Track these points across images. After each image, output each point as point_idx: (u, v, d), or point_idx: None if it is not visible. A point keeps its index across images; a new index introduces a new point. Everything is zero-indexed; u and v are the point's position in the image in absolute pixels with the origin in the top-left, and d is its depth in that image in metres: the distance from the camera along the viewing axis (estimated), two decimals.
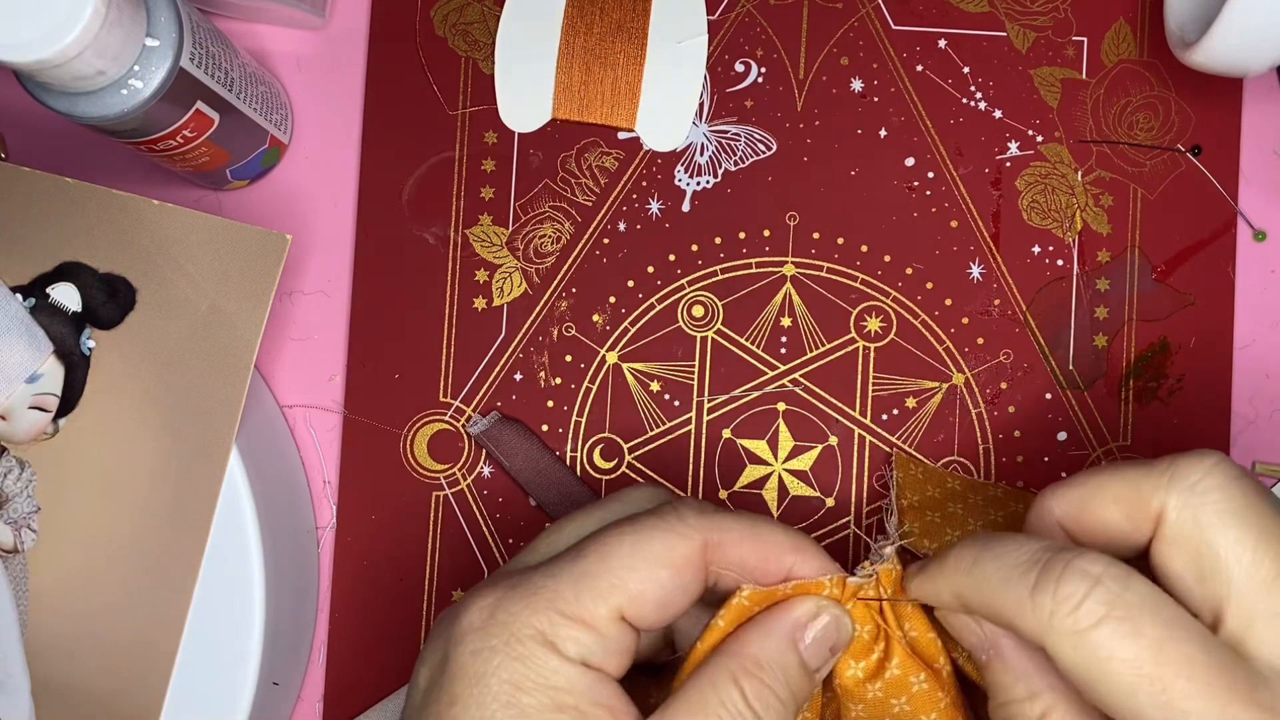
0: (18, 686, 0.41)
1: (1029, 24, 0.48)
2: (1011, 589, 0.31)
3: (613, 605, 0.31)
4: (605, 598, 0.31)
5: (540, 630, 0.31)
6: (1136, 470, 0.32)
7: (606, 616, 0.31)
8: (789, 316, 0.47)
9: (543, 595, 0.32)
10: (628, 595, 0.32)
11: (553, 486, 0.46)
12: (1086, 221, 0.47)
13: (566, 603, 0.31)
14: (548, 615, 0.31)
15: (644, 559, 0.32)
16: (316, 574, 0.47)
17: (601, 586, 0.31)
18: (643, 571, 0.32)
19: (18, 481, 0.41)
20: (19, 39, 0.34)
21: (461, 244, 0.48)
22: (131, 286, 0.41)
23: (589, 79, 0.47)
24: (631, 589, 0.32)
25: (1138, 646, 0.29)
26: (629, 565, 0.32)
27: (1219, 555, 0.30)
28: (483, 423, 0.46)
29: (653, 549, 0.32)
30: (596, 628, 0.31)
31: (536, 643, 0.31)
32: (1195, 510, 0.31)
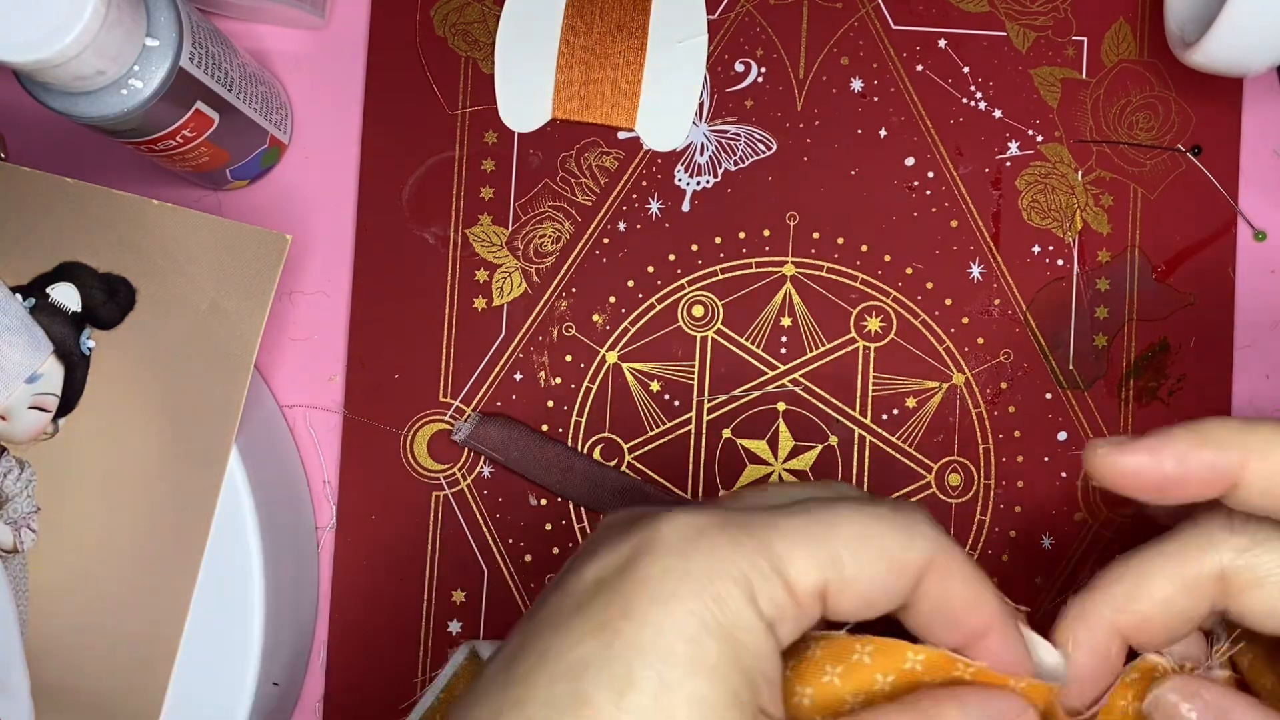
0: (18, 686, 0.41)
1: (1029, 24, 0.48)
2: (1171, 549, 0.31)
3: (822, 577, 0.28)
4: (819, 567, 0.28)
5: (745, 574, 0.28)
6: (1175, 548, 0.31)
7: (810, 587, 0.28)
8: (789, 316, 0.47)
9: (756, 538, 0.28)
10: (841, 575, 0.28)
11: (554, 467, 0.46)
12: (1086, 221, 0.47)
13: (778, 557, 0.28)
14: (755, 561, 0.28)
15: (869, 547, 0.29)
16: (316, 574, 0.47)
17: (820, 554, 0.28)
18: (864, 559, 0.29)
19: (18, 481, 0.41)
20: (19, 39, 0.34)
21: (461, 244, 0.48)
22: (131, 286, 0.41)
23: (589, 79, 0.47)
24: (848, 570, 0.28)
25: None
26: (855, 547, 0.29)
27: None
28: (465, 427, 0.46)
29: (884, 541, 0.29)
30: (798, 594, 0.28)
31: (738, 586, 0.28)
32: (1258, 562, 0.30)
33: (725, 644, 0.27)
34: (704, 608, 0.27)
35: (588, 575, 0.29)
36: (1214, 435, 0.30)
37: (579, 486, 0.46)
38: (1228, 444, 0.30)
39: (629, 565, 0.28)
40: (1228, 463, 0.30)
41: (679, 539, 0.28)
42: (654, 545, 0.28)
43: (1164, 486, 0.31)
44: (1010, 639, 0.31)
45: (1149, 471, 0.31)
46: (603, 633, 0.27)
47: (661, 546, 0.28)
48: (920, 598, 0.30)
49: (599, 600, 0.28)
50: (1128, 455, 0.31)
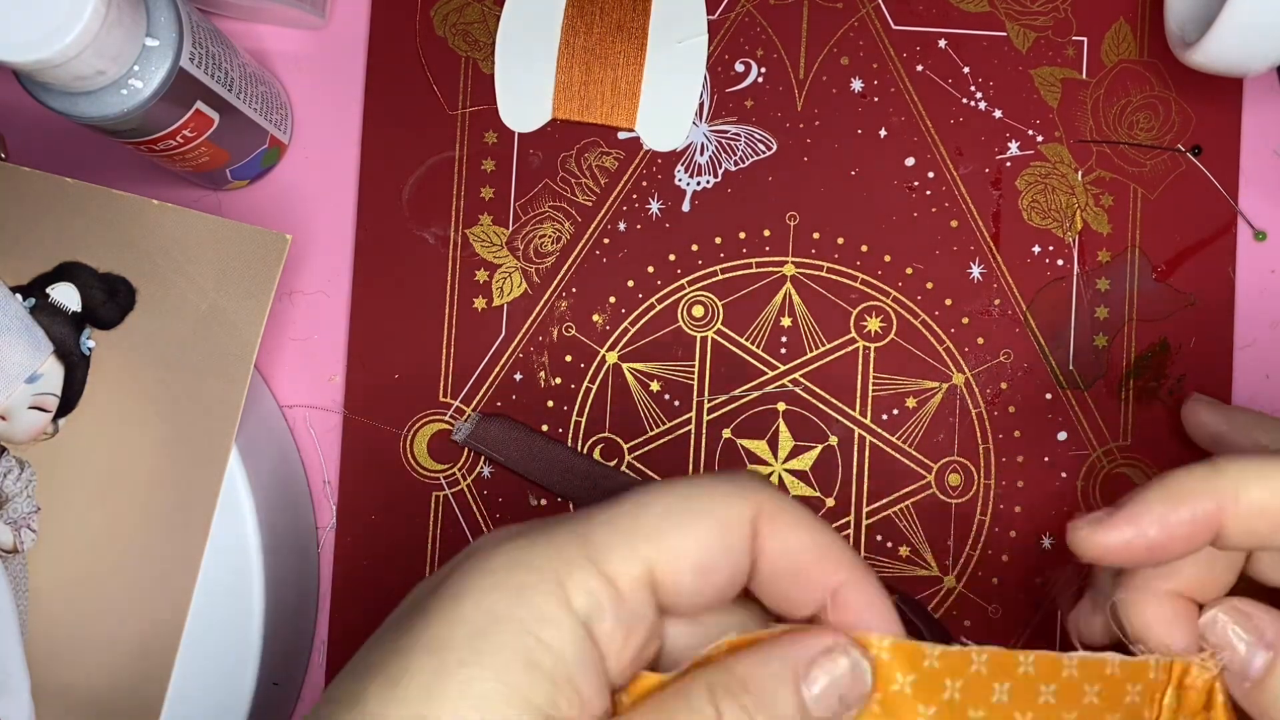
0: (18, 687, 0.41)
1: (1029, 24, 0.48)
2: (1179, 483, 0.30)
3: (642, 559, 0.26)
4: (636, 548, 0.26)
5: (554, 569, 0.26)
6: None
7: (633, 574, 0.26)
8: (789, 316, 0.47)
9: (571, 532, 0.27)
10: (661, 550, 0.27)
11: (554, 467, 0.46)
12: (1087, 221, 0.47)
13: (594, 546, 0.26)
14: (567, 554, 0.26)
15: (689, 511, 0.27)
16: (316, 574, 0.47)
17: (636, 535, 0.27)
18: (685, 524, 0.27)
19: (18, 481, 0.41)
20: (19, 39, 0.34)
21: (461, 244, 0.48)
22: (131, 286, 0.41)
23: (589, 79, 0.47)
24: (669, 542, 0.27)
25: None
26: (669, 515, 0.27)
27: None
28: (465, 427, 0.46)
29: (700, 502, 0.27)
30: (617, 584, 0.26)
31: (544, 580, 0.26)
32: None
33: (516, 638, 0.25)
34: (499, 601, 0.26)
35: (418, 593, 0.28)
36: (1186, 489, 0.30)
37: (579, 486, 0.46)
38: (1201, 493, 0.30)
39: (452, 577, 0.27)
40: (1206, 512, 0.30)
41: (491, 544, 0.27)
42: (468, 554, 0.27)
43: (1154, 552, 0.30)
44: (869, 589, 0.28)
45: (1137, 542, 0.30)
46: (397, 635, 0.26)
47: (474, 554, 0.27)
48: (760, 554, 0.28)
49: (405, 609, 0.27)
50: (1111, 532, 0.30)
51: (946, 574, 0.47)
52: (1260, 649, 0.30)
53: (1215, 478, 0.30)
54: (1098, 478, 0.47)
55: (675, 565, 0.27)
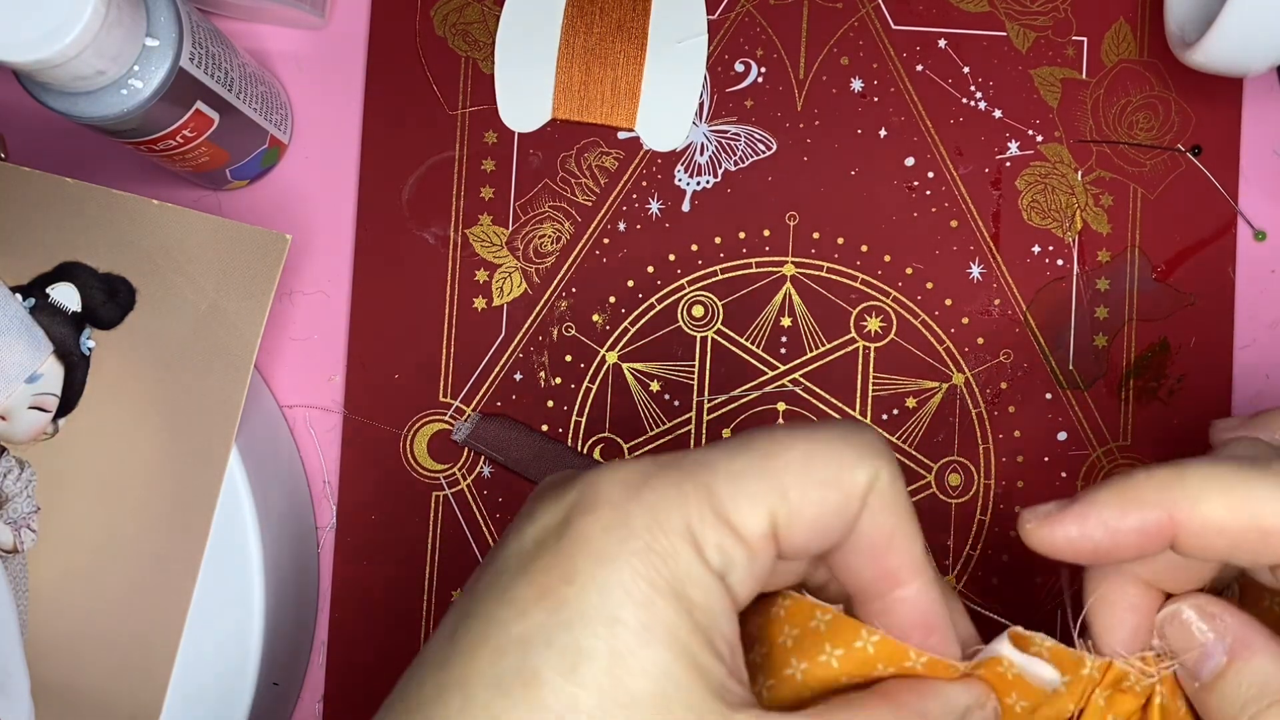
0: (18, 686, 0.41)
1: (1029, 24, 0.48)
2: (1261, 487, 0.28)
3: (769, 515, 0.26)
4: (763, 503, 0.26)
5: (689, 525, 0.26)
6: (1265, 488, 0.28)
7: (759, 529, 0.26)
8: (789, 316, 0.47)
9: (696, 482, 0.26)
10: (788, 509, 0.26)
11: (554, 467, 0.46)
12: (1086, 221, 0.47)
13: (721, 500, 0.26)
14: (699, 509, 0.26)
15: (816, 470, 0.27)
16: (316, 574, 0.47)
17: (765, 488, 0.26)
18: (811, 485, 0.26)
19: (18, 481, 0.41)
20: (19, 39, 0.34)
21: (461, 244, 0.48)
22: (131, 286, 0.41)
23: (589, 79, 0.47)
24: (793, 502, 0.26)
25: None
26: (797, 473, 0.26)
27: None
28: (465, 427, 0.46)
29: (826, 465, 0.27)
30: (746, 538, 0.26)
31: (684, 539, 0.26)
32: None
33: (677, 604, 0.25)
34: (650, 566, 0.25)
35: (527, 537, 0.27)
36: (1139, 494, 0.29)
37: None
38: (1153, 502, 0.28)
39: (568, 524, 0.26)
40: (1157, 522, 0.28)
41: (617, 492, 0.26)
42: (593, 501, 0.26)
43: (1099, 554, 0.29)
44: (932, 592, 0.29)
45: (1082, 543, 0.29)
46: (546, 600, 0.26)
47: (600, 502, 0.26)
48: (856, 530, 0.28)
49: (539, 563, 0.26)
50: (1056, 528, 0.29)
51: (946, 574, 0.47)
52: (1219, 650, 0.29)
53: (1174, 485, 0.28)
54: (1098, 478, 0.47)
55: (797, 523, 0.27)
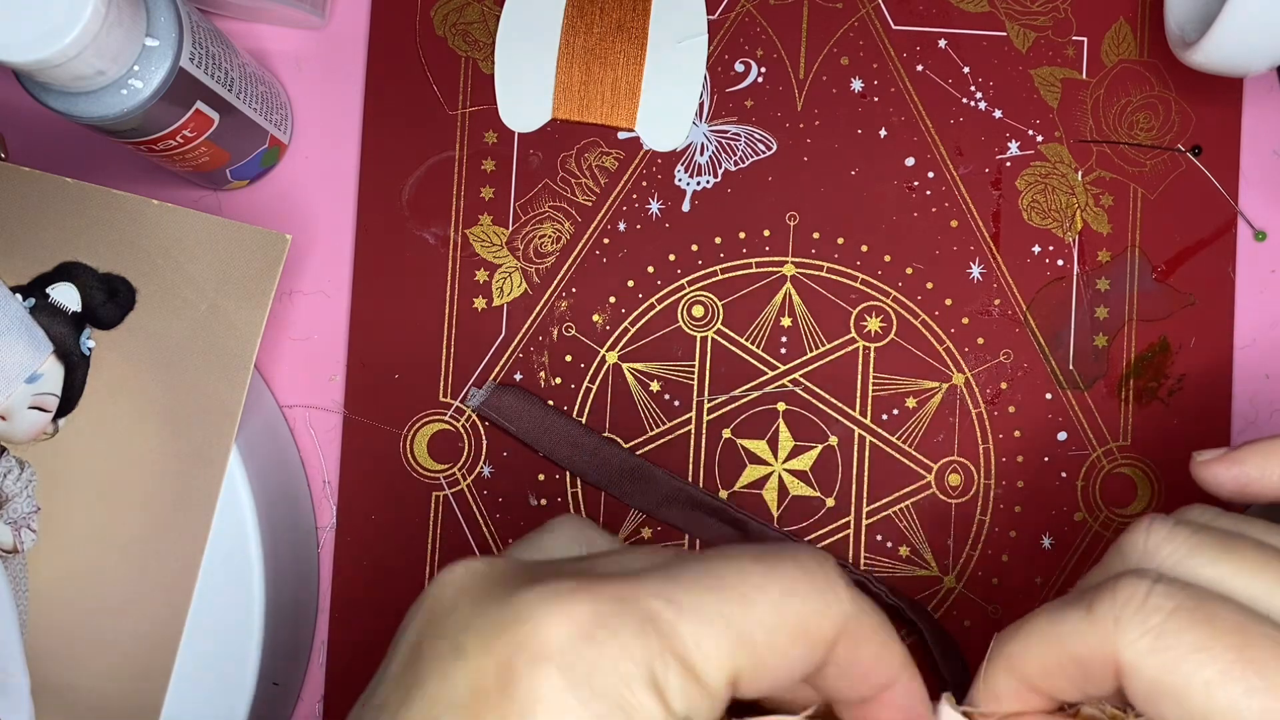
0: (18, 686, 0.41)
1: (1029, 24, 0.48)
2: (1066, 620, 0.27)
3: (734, 666, 0.25)
4: (729, 655, 0.24)
5: (652, 672, 0.24)
6: (1070, 623, 0.27)
7: (724, 679, 0.24)
8: (789, 316, 0.47)
9: (659, 626, 0.24)
10: (755, 660, 0.25)
11: (563, 442, 0.46)
12: (1086, 221, 0.47)
13: (685, 647, 0.24)
14: (662, 654, 0.24)
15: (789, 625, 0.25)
16: (316, 574, 0.47)
17: (729, 640, 0.24)
18: (780, 638, 0.25)
19: (18, 481, 0.41)
20: (19, 39, 0.34)
21: (461, 244, 0.48)
22: (131, 286, 0.41)
23: (589, 79, 0.47)
24: (761, 654, 0.25)
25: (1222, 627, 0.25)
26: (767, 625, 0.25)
27: (1211, 697, 0.25)
28: (480, 394, 0.46)
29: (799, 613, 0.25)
30: (710, 688, 0.24)
31: (648, 691, 0.23)
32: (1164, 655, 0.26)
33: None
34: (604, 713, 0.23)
35: (460, 683, 0.24)
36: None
37: (587, 463, 0.46)
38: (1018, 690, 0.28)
39: (512, 675, 0.23)
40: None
41: (569, 640, 0.23)
42: (541, 649, 0.23)
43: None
44: (914, 687, 0.28)
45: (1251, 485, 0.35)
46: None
47: (550, 650, 0.23)
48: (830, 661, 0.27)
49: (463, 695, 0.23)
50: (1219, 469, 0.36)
51: (946, 574, 0.47)
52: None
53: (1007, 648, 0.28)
54: (1098, 478, 0.47)
55: (762, 674, 0.25)
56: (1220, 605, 0.26)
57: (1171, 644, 0.25)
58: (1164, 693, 0.26)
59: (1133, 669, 0.26)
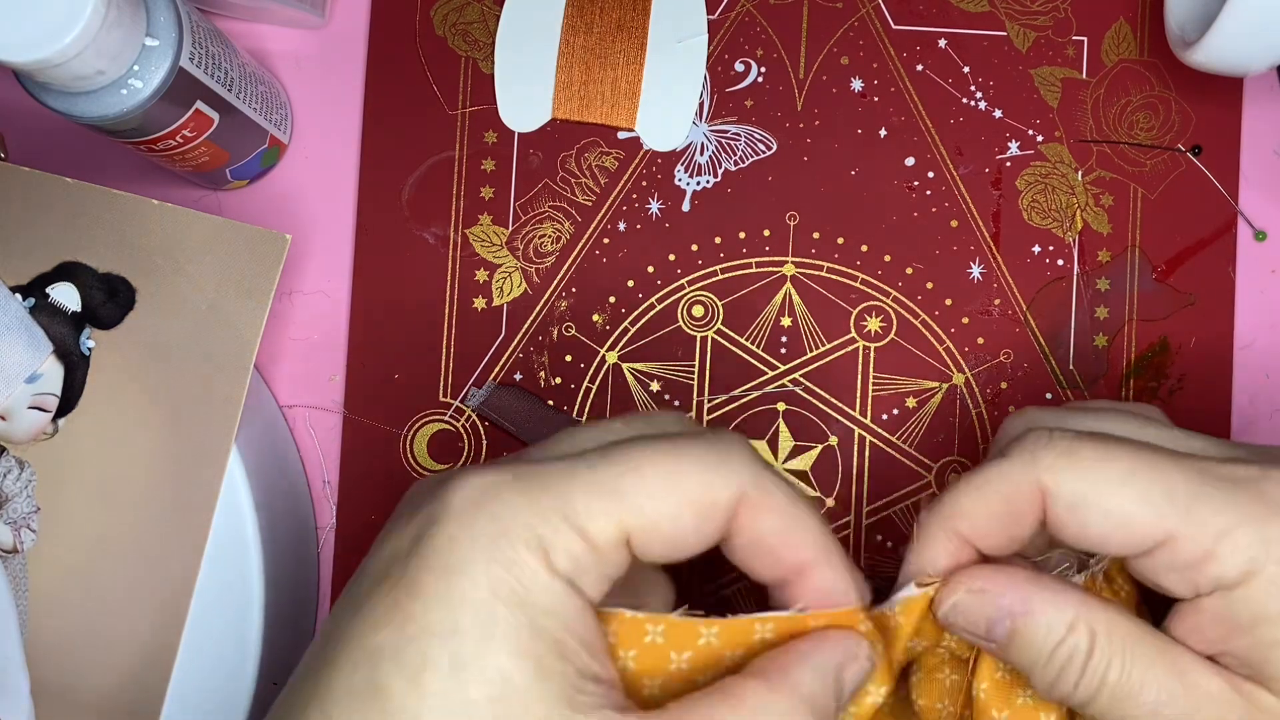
0: (18, 686, 0.41)
1: (1029, 23, 0.48)
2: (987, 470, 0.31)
3: (623, 528, 0.27)
4: (618, 517, 0.27)
5: (537, 533, 0.27)
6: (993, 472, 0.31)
7: (612, 538, 0.27)
8: (789, 316, 0.47)
9: (549, 493, 0.27)
10: (642, 522, 0.28)
11: None
12: (1087, 221, 0.47)
13: (574, 510, 0.27)
14: (548, 517, 0.27)
15: (674, 490, 0.28)
16: (316, 574, 0.47)
17: (618, 504, 0.27)
18: (667, 503, 0.28)
19: (17, 481, 0.41)
20: (19, 39, 0.34)
21: (461, 244, 0.48)
22: (131, 286, 0.41)
23: (589, 79, 0.47)
24: (649, 516, 0.28)
25: (1115, 442, 0.30)
26: (654, 492, 0.28)
27: (1131, 507, 0.30)
28: (480, 394, 0.47)
29: (686, 482, 0.28)
30: (597, 545, 0.27)
31: (528, 547, 0.27)
32: (1076, 468, 0.30)
33: (519, 610, 0.26)
34: (493, 574, 0.26)
35: (384, 552, 0.28)
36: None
37: None
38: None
39: (419, 538, 0.27)
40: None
41: (466, 502, 0.27)
42: (441, 513, 0.27)
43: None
44: (835, 571, 0.30)
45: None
46: (396, 614, 0.26)
47: (448, 513, 0.27)
48: (736, 532, 0.29)
49: (389, 579, 0.27)
50: (911, 561, 0.33)
51: None
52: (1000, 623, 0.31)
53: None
54: None
55: (650, 533, 0.28)
56: (1110, 435, 0.31)
57: (1080, 458, 0.30)
58: (1081, 501, 0.30)
59: (1054, 488, 0.30)
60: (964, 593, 0.31)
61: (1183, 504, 0.29)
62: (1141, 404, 0.37)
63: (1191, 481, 0.30)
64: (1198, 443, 0.32)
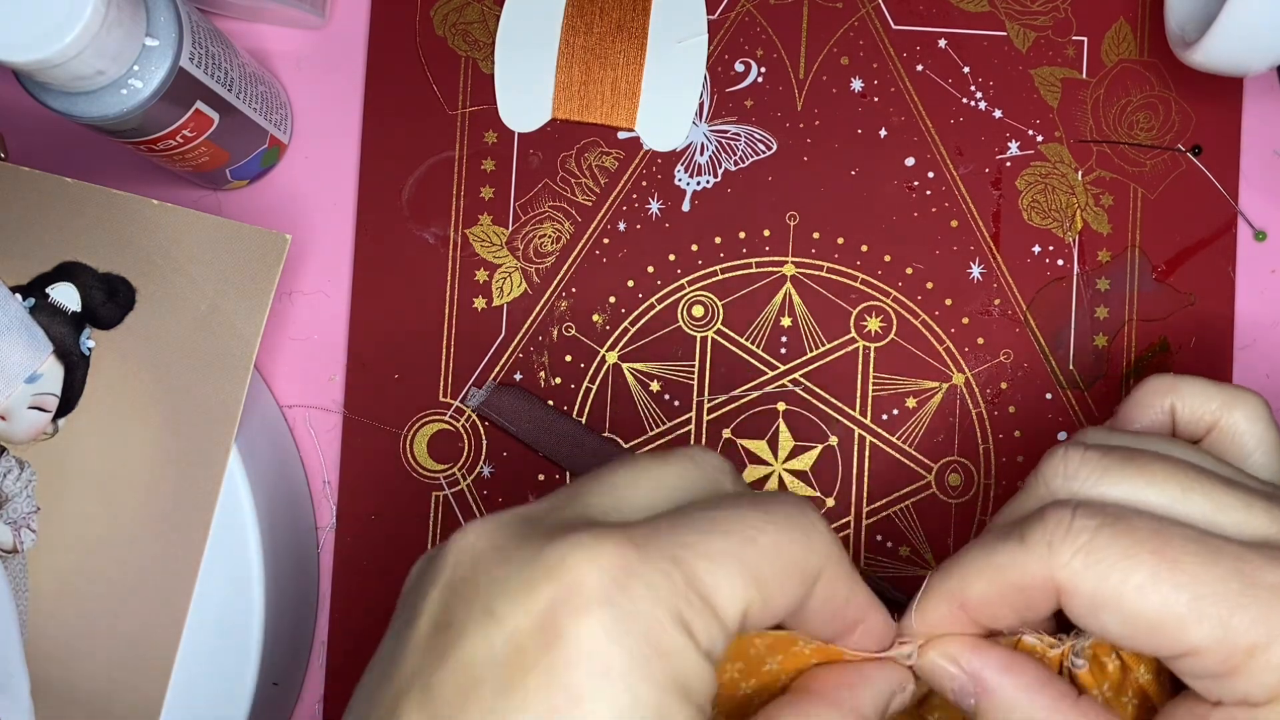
0: (18, 686, 0.41)
1: (1029, 23, 0.48)
2: (1002, 552, 0.30)
3: (746, 601, 0.26)
4: (742, 590, 0.26)
5: (681, 614, 0.25)
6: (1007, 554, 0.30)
7: (739, 612, 0.26)
8: (789, 316, 0.47)
9: (683, 569, 0.25)
10: (763, 594, 0.27)
11: (564, 441, 0.46)
12: (1087, 221, 0.47)
13: (704, 586, 0.26)
14: (687, 595, 0.25)
15: (785, 558, 0.27)
16: (316, 574, 0.47)
17: (741, 577, 0.26)
18: (782, 572, 0.27)
19: (17, 481, 0.41)
20: (19, 39, 0.34)
21: (461, 244, 0.48)
22: (131, 286, 0.41)
23: (589, 79, 0.47)
24: (768, 587, 0.27)
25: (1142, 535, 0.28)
26: (770, 560, 0.27)
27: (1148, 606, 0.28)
28: (480, 394, 0.47)
29: (793, 552, 0.27)
30: (725, 620, 0.26)
31: (681, 632, 0.25)
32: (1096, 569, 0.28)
33: (684, 702, 0.25)
34: (655, 670, 0.24)
35: (498, 642, 0.24)
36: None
37: (588, 463, 0.46)
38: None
39: (555, 629, 0.24)
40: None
41: (605, 584, 0.24)
42: (581, 599, 0.24)
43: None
44: (884, 622, 0.31)
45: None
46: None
47: (590, 600, 0.24)
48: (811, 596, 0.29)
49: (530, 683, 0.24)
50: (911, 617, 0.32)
51: None
52: (968, 694, 0.31)
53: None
54: None
55: (770, 607, 0.27)
56: (1136, 517, 0.29)
57: (1101, 557, 0.28)
58: (1102, 604, 0.29)
59: (1071, 587, 0.29)
60: (935, 656, 0.31)
61: (1211, 615, 0.28)
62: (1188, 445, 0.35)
63: (1225, 585, 0.28)
64: (1246, 495, 0.30)
